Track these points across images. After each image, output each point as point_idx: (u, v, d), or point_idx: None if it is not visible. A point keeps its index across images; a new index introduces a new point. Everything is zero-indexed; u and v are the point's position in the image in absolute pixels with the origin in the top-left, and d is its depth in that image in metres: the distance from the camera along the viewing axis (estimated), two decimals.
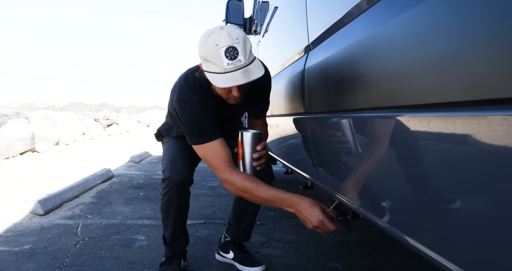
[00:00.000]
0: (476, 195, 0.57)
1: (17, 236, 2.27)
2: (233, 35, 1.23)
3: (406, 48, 0.70)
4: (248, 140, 1.47)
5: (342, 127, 1.10)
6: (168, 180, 1.61)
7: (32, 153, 6.11)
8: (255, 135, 1.47)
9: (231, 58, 1.22)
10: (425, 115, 0.66)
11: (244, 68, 1.25)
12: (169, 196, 1.64)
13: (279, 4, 2.18)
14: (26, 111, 9.78)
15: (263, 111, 1.74)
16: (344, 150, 1.11)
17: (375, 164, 0.92)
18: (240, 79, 1.24)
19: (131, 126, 13.83)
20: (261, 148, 1.48)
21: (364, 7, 0.91)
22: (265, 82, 1.61)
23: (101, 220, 2.63)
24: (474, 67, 0.52)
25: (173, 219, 1.70)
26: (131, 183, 3.90)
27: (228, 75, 1.24)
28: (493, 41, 0.48)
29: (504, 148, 0.48)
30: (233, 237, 1.93)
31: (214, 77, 1.27)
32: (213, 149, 1.45)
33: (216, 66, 1.24)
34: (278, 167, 4.48)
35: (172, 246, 1.78)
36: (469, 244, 0.60)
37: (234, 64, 1.22)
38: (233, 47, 1.21)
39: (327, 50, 1.17)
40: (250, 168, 1.49)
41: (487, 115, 0.51)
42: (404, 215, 0.83)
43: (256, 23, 3.34)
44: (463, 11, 0.54)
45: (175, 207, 1.67)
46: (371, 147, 0.93)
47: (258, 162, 1.48)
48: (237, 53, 1.22)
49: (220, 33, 1.23)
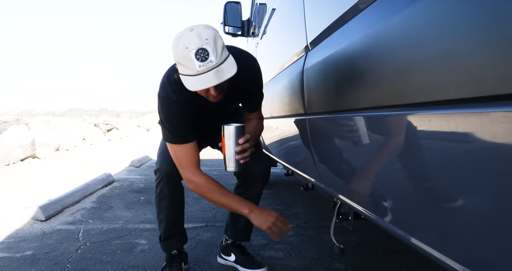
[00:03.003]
0: (479, 193, 0.56)
1: (18, 242, 2.26)
2: (202, 36, 1.22)
3: (405, 46, 0.70)
4: (229, 134, 1.46)
5: (342, 128, 1.10)
6: (159, 171, 1.69)
7: (32, 159, 6.10)
8: (237, 128, 1.46)
9: (202, 60, 1.21)
10: (425, 114, 0.66)
11: (216, 68, 1.23)
12: (161, 188, 1.71)
13: (277, 5, 2.18)
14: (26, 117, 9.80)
15: (254, 104, 1.71)
16: (344, 150, 1.11)
17: (376, 163, 0.92)
18: (212, 81, 1.23)
19: (131, 131, 13.82)
20: (243, 140, 1.46)
21: (362, 6, 0.90)
22: (252, 75, 1.59)
23: (102, 224, 2.62)
24: (474, 64, 0.52)
25: (166, 213, 1.75)
26: (131, 187, 3.90)
27: (200, 77, 1.23)
28: (493, 38, 0.48)
29: (505, 145, 0.48)
30: (231, 238, 1.93)
31: (188, 80, 1.26)
32: (183, 151, 1.52)
33: (189, 69, 1.24)
34: (278, 169, 4.47)
35: (166, 242, 1.80)
36: (473, 243, 0.60)
37: (206, 65, 1.21)
38: (203, 49, 1.21)
39: (325, 51, 1.17)
40: (234, 161, 1.48)
41: (489, 112, 0.50)
42: (406, 215, 0.82)
43: (254, 25, 3.34)
44: (462, 9, 0.54)
45: (167, 199, 1.72)
46: (372, 146, 0.92)
47: (241, 155, 1.47)
48: (207, 54, 1.21)
49: (190, 36, 1.23)
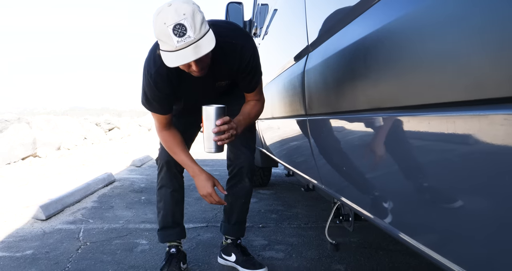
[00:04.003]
0: (479, 195, 0.56)
1: (18, 242, 2.26)
2: (180, 11, 1.19)
3: (406, 48, 0.70)
4: (208, 114, 1.45)
5: (343, 129, 1.10)
6: (159, 159, 1.80)
7: (33, 158, 6.12)
8: (216, 109, 1.44)
9: (179, 35, 1.19)
10: (425, 116, 0.66)
11: (195, 43, 1.21)
12: (162, 177, 1.82)
13: (279, 6, 2.19)
14: (28, 116, 9.80)
15: (249, 84, 1.63)
16: (345, 151, 1.11)
17: (376, 165, 0.92)
18: (190, 56, 1.21)
19: (132, 130, 13.84)
20: (220, 122, 1.42)
21: (362, 9, 0.90)
22: (242, 52, 1.52)
23: (103, 224, 2.62)
24: (474, 67, 0.52)
25: (164, 201, 1.84)
26: (132, 187, 3.90)
27: (178, 53, 1.22)
28: (493, 41, 0.48)
29: (505, 148, 0.48)
30: (226, 234, 1.95)
31: (167, 56, 1.25)
32: (157, 117, 1.62)
33: (167, 45, 1.22)
34: (279, 169, 4.47)
35: (162, 232, 1.87)
36: (472, 244, 0.60)
37: (184, 41, 1.19)
38: (180, 24, 1.18)
39: (326, 52, 1.17)
40: (212, 143, 1.47)
41: (488, 115, 0.50)
42: (406, 216, 0.82)
43: (256, 25, 3.35)
44: (461, 12, 0.54)
45: (166, 188, 1.83)
46: (372, 148, 0.92)
47: (218, 137, 1.44)
48: (185, 29, 1.19)
49: (168, 11, 1.20)
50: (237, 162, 1.80)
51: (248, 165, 1.80)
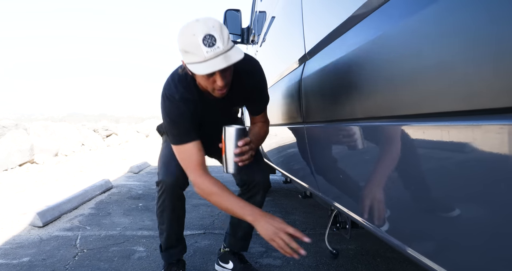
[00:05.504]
0: (474, 204, 0.57)
1: (15, 249, 2.25)
2: (209, 24, 1.23)
3: (402, 58, 0.71)
4: (230, 135, 1.45)
5: (340, 137, 1.11)
6: (161, 183, 1.64)
7: (31, 164, 6.10)
8: (238, 130, 1.45)
9: (209, 45, 1.21)
10: (422, 125, 0.66)
11: (224, 54, 1.23)
12: (163, 199, 1.67)
13: (276, 14, 2.20)
14: (25, 122, 9.78)
15: (259, 107, 1.69)
16: (341, 159, 1.12)
17: (373, 173, 0.92)
18: (221, 64, 1.23)
19: (130, 137, 13.82)
20: (242, 143, 1.44)
21: (359, 18, 0.92)
22: (255, 76, 1.58)
23: (100, 231, 2.61)
24: (469, 78, 0.53)
25: (167, 224, 1.73)
26: (130, 194, 3.89)
27: (208, 62, 1.23)
28: (488, 53, 0.49)
29: (500, 156, 0.49)
30: (229, 247, 1.92)
31: (195, 66, 1.26)
32: (187, 151, 1.48)
33: (196, 56, 1.24)
34: (277, 176, 4.47)
35: (166, 252, 1.80)
36: (467, 253, 0.60)
37: (213, 51, 1.22)
38: (210, 35, 1.21)
39: (323, 60, 1.18)
40: (232, 163, 1.47)
41: (482, 125, 0.51)
42: (402, 224, 0.83)
43: (253, 33, 3.37)
44: (457, 24, 0.55)
45: (169, 211, 1.70)
46: (367, 156, 0.93)
47: (239, 158, 1.45)
48: (214, 40, 1.21)
49: (196, 24, 1.23)
50: (254, 179, 1.72)
51: (264, 182, 1.76)
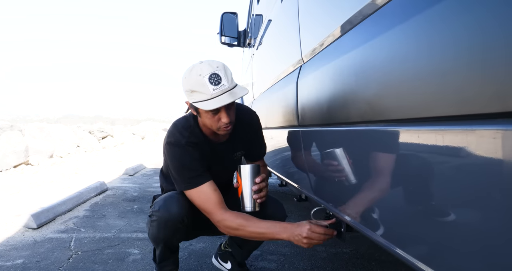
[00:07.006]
0: (467, 208, 0.57)
1: (9, 250, 2.24)
2: (213, 64, 1.33)
3: (398, 62, 0.71)
4: (246, 173, 1.49)
5: (335, 141, 1.11)
6: (156, 215, 1.53)
7: (25, 166, 6.07)
8: (253, 168, 1.49)
9: (215, 83, 1.30)
10: (417, 129, 0.67)
11: (229, 91, 1.33)
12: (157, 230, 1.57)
13: (273, 17, 2.21)
14: (20, 123, 9.73)
15: (258, 153, 1.78)
16: (336, 163, 1.12)
17: (367, 177, 0.93)
18: (227, 99, 1.31)
19: (126, 139, 13.79)
20: (260, 180, 1.49)
21: (355, 22, 0.92)
22: (253, 125, 1.70)
23: (95, 233, 2.60)
24: (463, 83, 0.53)
25: (162, 246, 1.64)
26: (125, 196, 3.88)
27: (215, 99, 1.31)
28: (482, 58, 0.50)
29: (494, 161, 0.49)
30: (233, 254, 1.92)
31: (203, 104, 1.33)
32: (203, 194, 1.46)
33: (203, 94, 1.31)
34: (273, 179, 4.47)
35: (161, 265, 1.72)
36: (460, 256, 0.60)
37: (219, 89, 1.31)
38: (215, 74, 1.30)
39: (319, 64, 1.19)
40: (251, 201, 1.49)
41: (477, 130, 0.52)
42: (396, 228, 0.83)
43: (250, 36, 3.37)
44: (452, 29, 0.56)
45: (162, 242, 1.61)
46: (363, 159, 0.94)
47: (258, 195, 1.49)
48: (220, 78, 1.31)
49: (201, 66, 1.33)
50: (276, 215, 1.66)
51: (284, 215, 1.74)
